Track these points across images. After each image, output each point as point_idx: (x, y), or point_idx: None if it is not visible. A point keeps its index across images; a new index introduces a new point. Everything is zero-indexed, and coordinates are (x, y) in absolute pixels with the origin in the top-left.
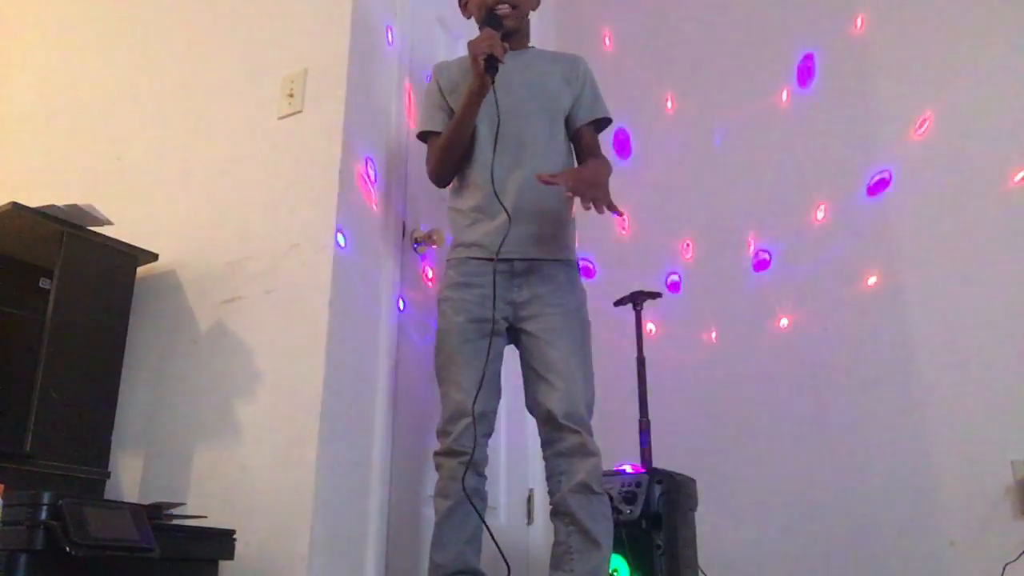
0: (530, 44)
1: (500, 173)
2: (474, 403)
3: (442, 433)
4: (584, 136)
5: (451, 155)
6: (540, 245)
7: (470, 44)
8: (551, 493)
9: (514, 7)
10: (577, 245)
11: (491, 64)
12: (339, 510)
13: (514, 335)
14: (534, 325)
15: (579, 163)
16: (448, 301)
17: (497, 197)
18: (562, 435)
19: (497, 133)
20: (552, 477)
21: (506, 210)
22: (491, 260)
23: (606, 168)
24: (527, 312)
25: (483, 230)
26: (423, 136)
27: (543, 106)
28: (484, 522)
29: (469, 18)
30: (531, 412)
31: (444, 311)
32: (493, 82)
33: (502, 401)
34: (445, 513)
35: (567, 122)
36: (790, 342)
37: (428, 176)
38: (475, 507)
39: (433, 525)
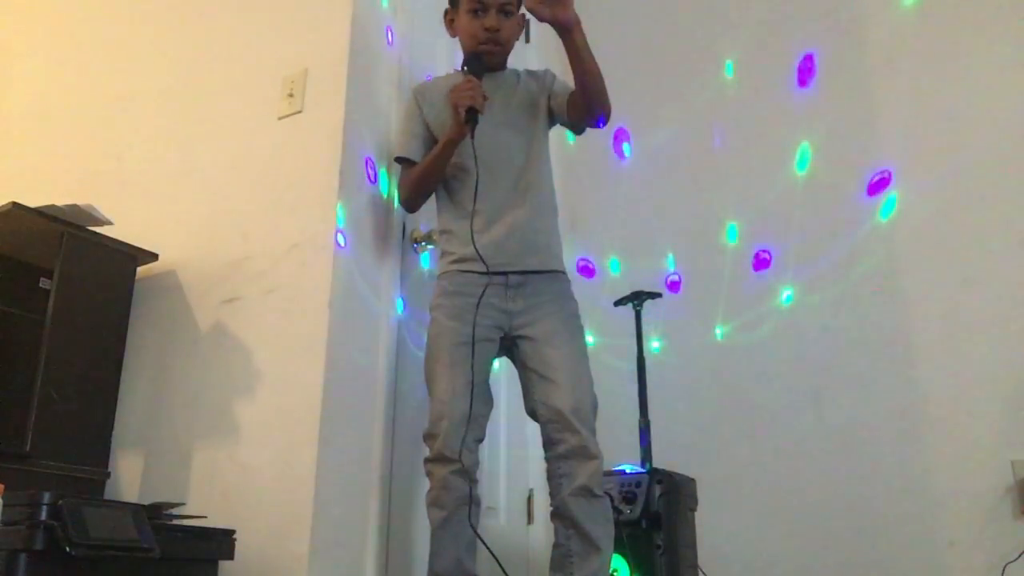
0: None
1: (488, 201)
2: (467, 404)
3: (429, 436)
4: (569, 96)
5: (423, 190)
6: (534, 259)
7: (451, 92)
8: (552, 495)
9: (500, 45)
10: (577, 245)
11: (471, 116)
12: (339, 510)
13: (508, 345)
14: (532, 330)
15: (574, 94)
16: (441, 308)
17: (477, 252)
18: (564, 436)
19: (476, 185)
20: (553, 479)
21: (485, 263)
22: (484, 273)
23: None
24: (524, 319)
25: (474, 248)
26: (397, 160)
27: (522, 126)
28: (476, 532)
29: (454, 36)
30: (533, 415)
31: (436, 317)
32: (473, 134)
33: (503, 401)
34: (440, 523)
35: (551, 117)
36: (790, 342)
37: (400, 203)
38: (470, 517)
39: (430, 531)
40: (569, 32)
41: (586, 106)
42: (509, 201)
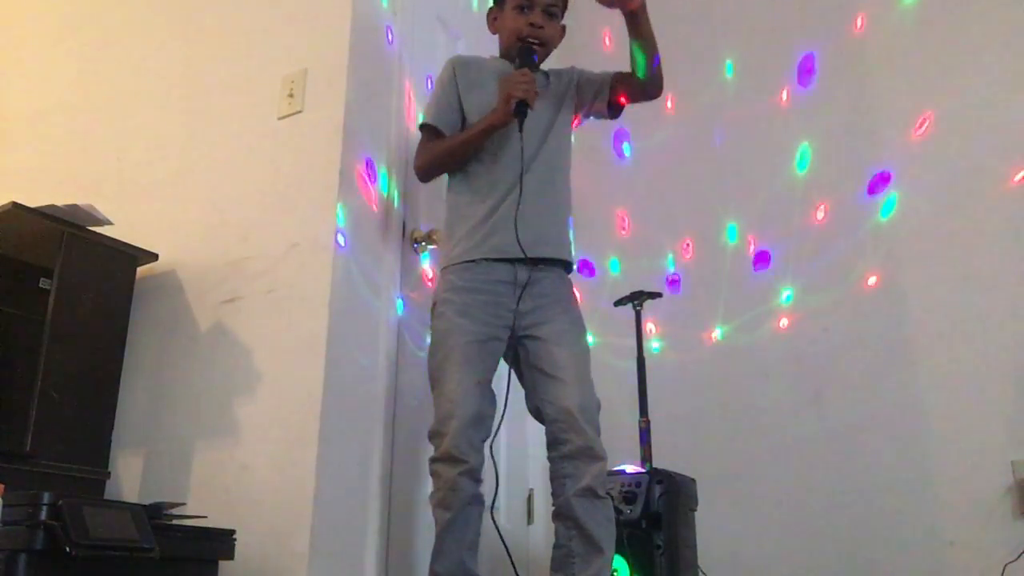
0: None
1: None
2: (477, 403)
3: (436, 435)
4: (614, 75)
5: (445, 166)
6: (546, 248)
7: (504, 81)
8: (555, 495)
9: (542, 44)
10: (577, 245)
11: (521, 108)
12: (339, 510)
13: (513, 344)
14: (540, 330)
15: (630, 76)
16: (450, 304)
17: (518, 238)
18: (569, 436)
19: (521, 177)
20: (557, 479)
21: (524, 252)
22: (498, 260)
23: None
24: (532, 319)
25: (493, 238)
26: (423, 126)
27: (548, 125)
28: (497, 526)
29: (495, 34)
30: (536, 414)
31: (444, 312)
32: (521, 127)
33: (502, 401)
34: (446, 524)
35: (591, 100)
36: (790, 342)
37: (414, 168)
38: (493, 520)
39: (433, 530)
40: (635, 16)
41: (650, 80)
42: (527, 194)
